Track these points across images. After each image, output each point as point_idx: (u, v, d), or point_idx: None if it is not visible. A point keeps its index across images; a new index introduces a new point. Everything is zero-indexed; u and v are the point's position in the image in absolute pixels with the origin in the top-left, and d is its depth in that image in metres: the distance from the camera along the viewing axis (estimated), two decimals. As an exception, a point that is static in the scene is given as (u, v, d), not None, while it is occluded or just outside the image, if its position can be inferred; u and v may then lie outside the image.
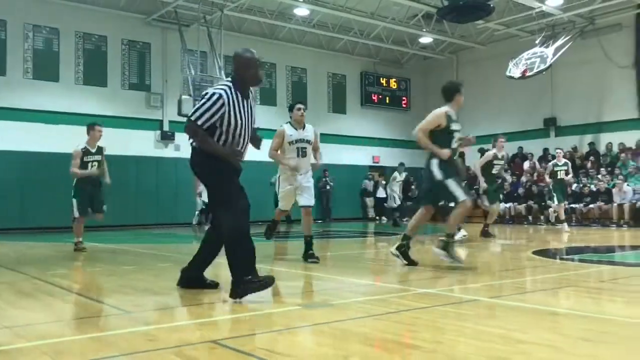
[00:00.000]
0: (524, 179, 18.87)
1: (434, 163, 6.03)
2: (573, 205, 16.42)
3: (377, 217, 20.97)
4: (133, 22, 17.79)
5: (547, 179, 12.98)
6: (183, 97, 15.98)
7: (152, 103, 17.87)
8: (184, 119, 17.42)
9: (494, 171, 10.58)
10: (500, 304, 4.12)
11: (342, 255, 8.48)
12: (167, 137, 18.08)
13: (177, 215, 17.32)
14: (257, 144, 4.68)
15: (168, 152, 18.12)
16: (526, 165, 19.59)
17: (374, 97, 23.20)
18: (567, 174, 12.69)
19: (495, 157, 10.55)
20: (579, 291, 4.65)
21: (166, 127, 18.12)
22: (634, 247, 9.27)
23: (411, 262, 6.13)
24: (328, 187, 20.10)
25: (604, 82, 18.32)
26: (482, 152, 14.93)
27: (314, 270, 6.12)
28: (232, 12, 17.80)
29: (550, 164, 13.27)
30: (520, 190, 18.30)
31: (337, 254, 8.59)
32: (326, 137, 19.94)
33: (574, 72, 18.78)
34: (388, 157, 22.65)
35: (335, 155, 20.39)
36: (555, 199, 12.85)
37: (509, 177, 10.53)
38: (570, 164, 13.13)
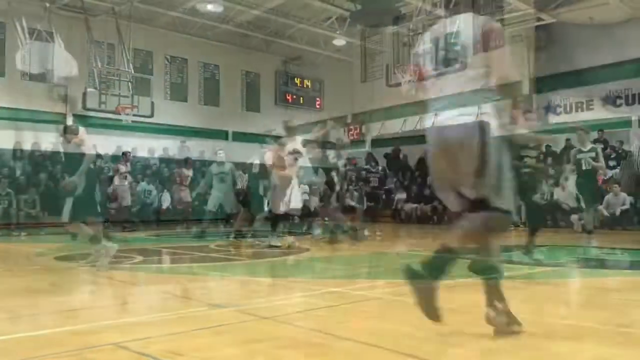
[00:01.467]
0: (430, 180, 19.64)
1: None
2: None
3: None
4: (35, 10, 16.82)
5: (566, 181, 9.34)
6: (88, 90, 15.30)
7: (54, 96, 16.98)
8: (89, 113, 16.49)
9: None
10: (402, 301, 4.29)
11: (256, 254, 8.46)
12: (70, 132, 17.19)
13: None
14: None
15: (71, 147, 17.22)
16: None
17: (288, 97, 23.23)
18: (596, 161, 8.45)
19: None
20: (476, 289, 4.91)
21: (69, 121, 17.28)
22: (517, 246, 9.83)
23: None
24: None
25: (505, 90, 19.29)
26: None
27: (224, 271, 6.09)
28: (143, 4, 17.25)
29: (572, 151, 8.93)
30: (427, 192, 19.00)
31: (251, 254, 8.55)
32: (239, 136, 19.86)
33: (478, 80, 19.69)
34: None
35: (249, 153, 20.27)
36: (582, 202, 9.21)
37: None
38: (599, 148, 8.90)
